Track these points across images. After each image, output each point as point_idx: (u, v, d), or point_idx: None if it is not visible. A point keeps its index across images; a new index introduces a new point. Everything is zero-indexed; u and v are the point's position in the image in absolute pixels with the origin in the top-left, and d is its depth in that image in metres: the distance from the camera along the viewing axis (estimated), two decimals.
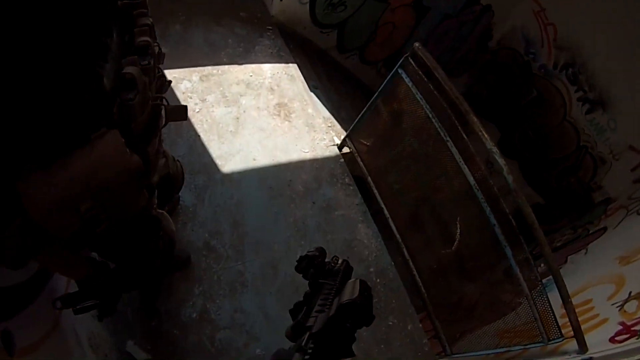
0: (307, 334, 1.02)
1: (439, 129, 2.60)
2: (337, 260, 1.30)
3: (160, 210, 1.43)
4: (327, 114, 3.74)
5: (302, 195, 3.04)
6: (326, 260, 1.30)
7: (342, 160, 3.39)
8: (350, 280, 1.12)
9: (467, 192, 2.51)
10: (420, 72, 2.69)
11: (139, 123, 1.03)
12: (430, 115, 2.63)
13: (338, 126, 3.69)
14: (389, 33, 5.09)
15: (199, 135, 2.98)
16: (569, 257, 3.57)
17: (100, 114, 0.93)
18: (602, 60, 4.50)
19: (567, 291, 2.12)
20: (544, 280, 2.38)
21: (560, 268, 3.31)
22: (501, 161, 2.29)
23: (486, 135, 2.34)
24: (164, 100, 1.19)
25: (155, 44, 1.13)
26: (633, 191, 4.07)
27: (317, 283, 1.23)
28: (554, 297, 2.22)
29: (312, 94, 3.75)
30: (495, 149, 2.32)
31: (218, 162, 2.91)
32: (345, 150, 3.44)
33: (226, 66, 3.47)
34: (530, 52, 5.21)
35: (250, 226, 2.74)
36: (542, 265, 2.50)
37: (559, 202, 4.94)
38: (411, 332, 2.84)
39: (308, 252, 1.29)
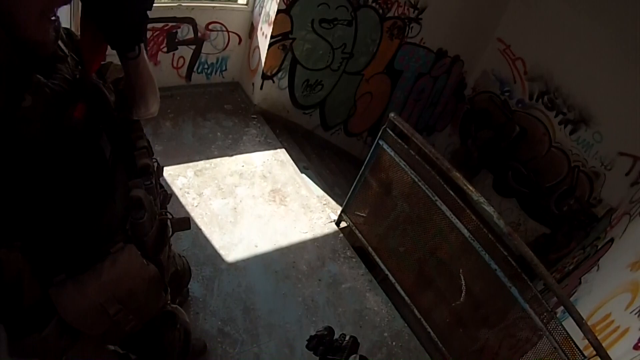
0: None
1: (426, 191, 2.74)
2: (345, 337, 1.40)
3: (173, 305, 1.54)
4: (320, 192, 3.91)
5: (307, 275, 3.11)
6: (335, 337, 1.41)
7: (341, 235, 3.49)
8: (352, 355, 1.24)
9: (464, 243, 2.60)
10: (400, 141, 2.90)
11: (150, 237, 1.20)
12: (417, 179, 2.79)
13: (333, 202, 3.84)
14: (367, 103, 5.30)
15: (200, 229, 3.11)
16: (582, 278, 3.52)
17: (116, 232, 1.12)
18: (574, 79, 4.72)
19: (580, 315, 2.11)
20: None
21: (575, 291, 3.32)
22: (489, 209, 2.42)
23: (471, 188, 2.49)
24: (168, 213, 1.37)
25: (154, 159, 1.32)
26: (632, 194, 4.12)
27: (326, 359, 1.35)
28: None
29: (303, 175, 3.95)
30: (482, 199, 2.47)
31: (222, 252, 3.02)
32: (343, 224, 3.54)
33: (218, 159, 3.71)
34: (505, 90, 5.43)
35: (261, 310, 2.78)
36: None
37: (564, 227, 4.93)
38: None
39: (317, 331, 1.42)
